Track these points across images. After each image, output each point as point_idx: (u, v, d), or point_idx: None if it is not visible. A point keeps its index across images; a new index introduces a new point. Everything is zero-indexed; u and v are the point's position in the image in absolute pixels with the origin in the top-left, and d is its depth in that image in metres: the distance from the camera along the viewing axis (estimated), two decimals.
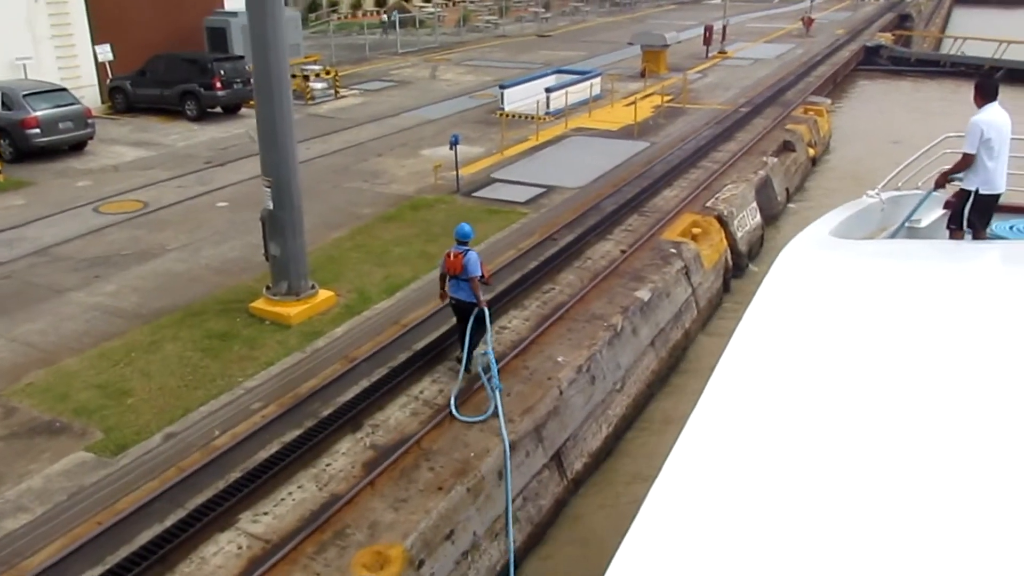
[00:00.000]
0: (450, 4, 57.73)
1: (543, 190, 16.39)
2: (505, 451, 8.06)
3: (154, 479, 7.63)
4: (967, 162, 7.43)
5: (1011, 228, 7.41)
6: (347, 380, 9.26)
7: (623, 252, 13.05)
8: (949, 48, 41.12)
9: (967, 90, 7.95)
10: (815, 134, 22.71)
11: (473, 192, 16.34)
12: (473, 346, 9.08)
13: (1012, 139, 7.47)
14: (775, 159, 18.82)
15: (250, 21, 9.96)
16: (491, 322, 9.15)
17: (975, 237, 7.31)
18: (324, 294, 11.23)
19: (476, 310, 9.02)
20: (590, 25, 50.05)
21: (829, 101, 27.57)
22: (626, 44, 33.64)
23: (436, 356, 9.80)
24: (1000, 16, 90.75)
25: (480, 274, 8.99)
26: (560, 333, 10.39)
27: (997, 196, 7.42)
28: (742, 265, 15.36)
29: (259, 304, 10.94)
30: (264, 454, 7.90)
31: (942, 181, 7.74)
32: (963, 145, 7.45)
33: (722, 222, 14.89)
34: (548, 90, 23.08)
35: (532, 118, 21.79)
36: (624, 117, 22.31)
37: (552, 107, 22.88)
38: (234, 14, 26.10)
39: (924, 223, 7.66)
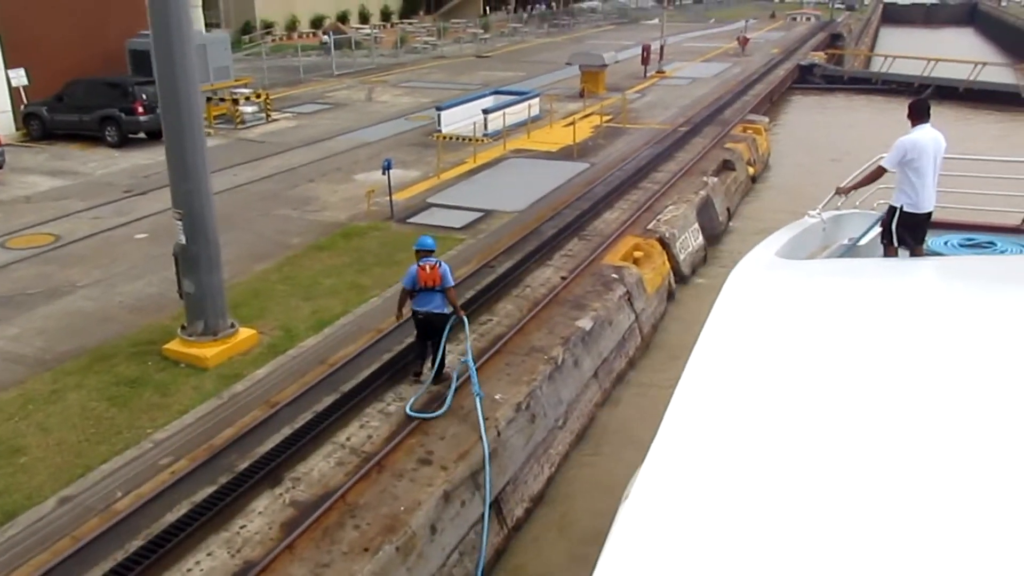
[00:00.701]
0: (388, 26, 57.33)
1: (481, 214, 15.87)
2: (485, 457, 8.10)
3: (45, 551, 6.82)
4: (878, 174, 7.70)
5: (946, 243, 7.58)
6: (267, 428, 8.55)
7: (564, 279, 12.57)
8: (880, 66, 41.95)
9: (897, 106, 8.23)
10: (754, 152, 22.67)
11: (408, 218, 15.73)
12: (444, 356, 9.27)
13: (945, 158, 7.56)
14: (715, 179, 18.62)
15: (153, 39, 9.23)
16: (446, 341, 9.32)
17: (912, 253, 7.42)
18: (245, 332, 10.49)
19: (453, 318, 9.23)
20: (529, 45, 50.00)
21: (767, 119, 27.69)
22: (565, 64, 33.41)
23: (366, 397, 9.15)
24: (923, 34, 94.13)
25: (453, 283, 9.29)
26: (498, 368, 9.83)
27: (926, 215, 7.49)
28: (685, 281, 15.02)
29: (173, 346, 10.15)
30: (171, 517, 7.14)
31: (846, 190, 8.04)
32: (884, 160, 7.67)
33: (664, 244, 14.54)
34: (486, 111, 22.64)
35: (470, 140, 21.31)
36: (563, 138, 21.96)
37: (490, 128, 22.44)
38: None
39: (864, 241, 7.80)
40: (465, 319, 9.36)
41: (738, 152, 21.29)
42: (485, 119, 22.51)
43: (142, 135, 21.90)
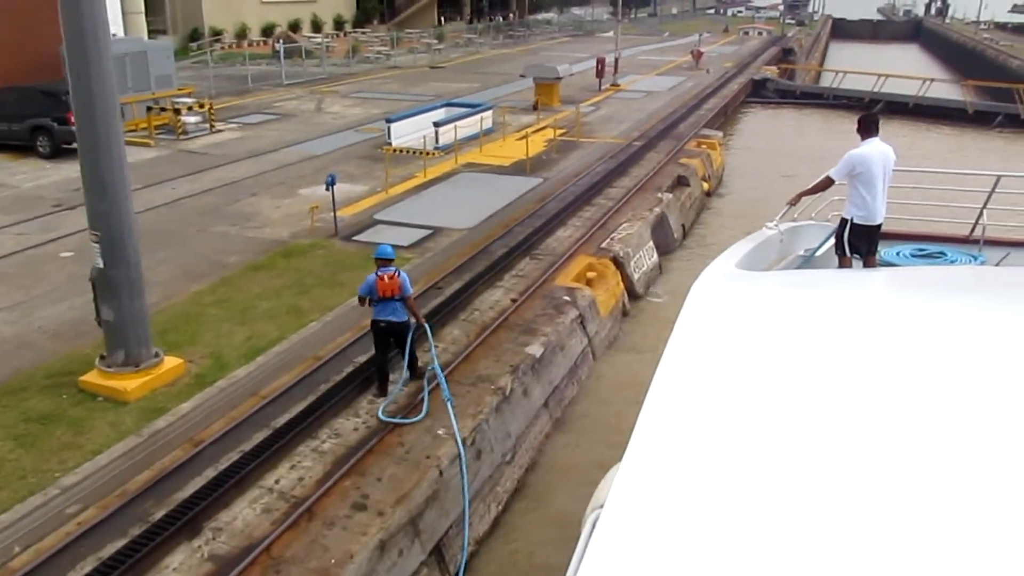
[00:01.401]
0: (341, 35, 56.51)
1: (429, 232, 15.30)
2: (462, 460, 8.17)
3: None
4: (825, 184, 7.90)
5: (898, 254, 7.76)
6: (189, 470, 7.87)
7: (514, 301, 12.05)
8: (831, 81, 42.36)
9: (849, 121, 8.40)
10: (709, 168, 22.45)
11: (353, 236, 15.10)
12: (414, 357, 9.45)
13: (894, 171, 7.76)
14: (670, 195, 18.30)
15: (67, 47, 8.53)
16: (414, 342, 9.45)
17: (866, 264, 7.61)
18: (171, 362, 9.78)
19: (416, 327, 9.24)
20: (483, 57, 49.63)
21: (721, 134, 27.57)
22: (519, 76, 33.04)
23: (299, 434, 8.51)
24: (871, 49, 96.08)
25: (412, 292, 9.27)
26: (442, 400, 9.25)
27: (876, 226, 7.67)
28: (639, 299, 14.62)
29: (91, 377, 9.41)
30: None
31: (796, 200, 8.22)
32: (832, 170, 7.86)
33: (618, 264, 14.13)
34: (437, 124, 22.10)
35: (420, 153, 20.74)
36: (516, 152, 21.51)
37: (441, 142, 21.88)
38: None
39: (820, 252, 7.97)
40: (427, 327, 9.38)
41: (693, 167, 21.04)
42: (436, 132, 21.96)
43: (76, 146, 20.87)
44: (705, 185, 21.58)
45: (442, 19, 66.57)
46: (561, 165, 21.01)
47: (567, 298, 12.18)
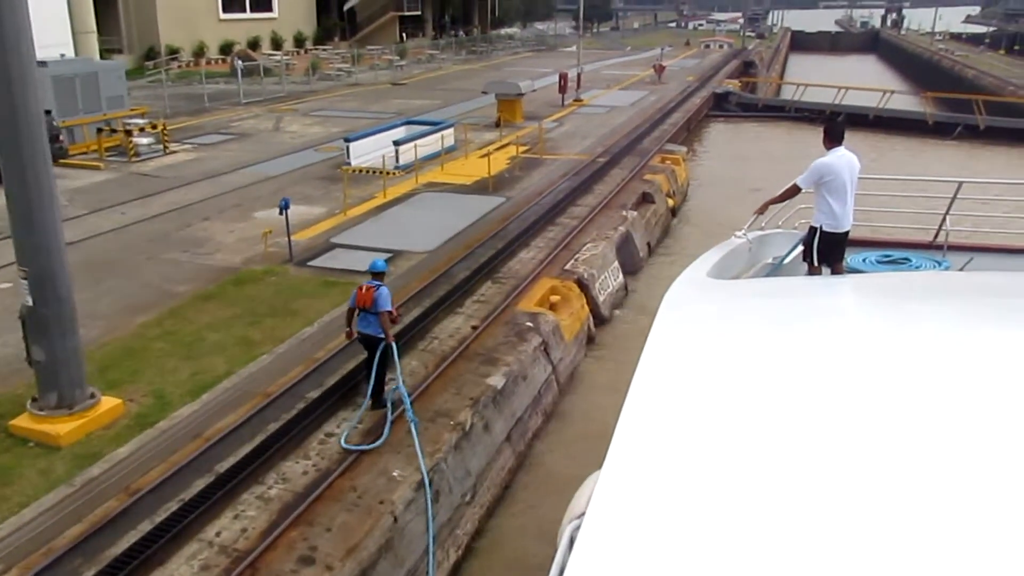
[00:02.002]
0: (302, 52, 55.91)
1: (389, 255, 14.77)
2: (426, 488, 7.93)
3: None
4: (792, 192, 7.99)
5: (864, 260, 7.86)
6: (123, 523, 7.31)
7: (474, 328, 11.63)
8: (792, 94, 42.62)
9: (811, 134, 9.26)
10: (673, 184, 22.25)
11: (309, 261, 14.58)
12: (380, 381, 9.26)
13: (860, 178, 7.81)
14: (635, 213, 18.02)
15: None
16: (399, 357, 9.41)
17: (833, 271, 7.65)
18: (109, 402, 9.20)
19: (383, 344, 9.16)
20: (446, 73, 49.32)
21: (685, 149, 27.45)
22: (481, 93, 32.74)
23: (244, 480, 7.99)
24: (830, 61, 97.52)
25: (389, 309, 9.19)
26: (398, 439, 8.79)
27: (844, 234, 7.73)
28: (605, 323, 14.26)
29: (22, 421, 8.81)
30: None
31: (763, 208, 8.29)
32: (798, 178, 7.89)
33: (582, 286, 13.77)
34: (397, 143, 21.66)
35: (380, 173, 20.28)
36: (478, 170, 21.14)
37: (402, 161, 21.45)
38: (43, 63, 23.36)
39: (789, 260, 8.05)
40: (394, 345, 9.28)
41: (657, 184, 20.81)
42: (396, 151, 21.52)
43: None
44: (670, 201, 21.37)
45: (404, 35, 66.21)
46: (524, 183, 20.67)
47: (530, 324, 11.78)
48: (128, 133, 23.09)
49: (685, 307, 5.15)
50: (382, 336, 9.15)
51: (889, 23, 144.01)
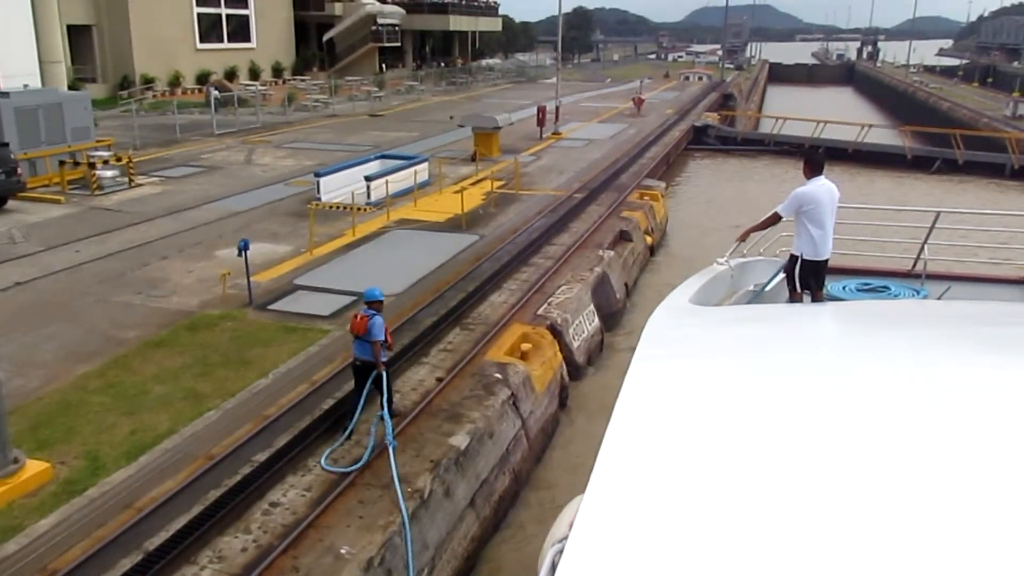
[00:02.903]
0: (280, 82, 55.49)
1: (353, 298, 14.12)
2: (405, 522, 7.85)
3: None
4: (773, 220, 8.01)
5: (844, 288, 7.98)
6: None
7: (439, 381, 10.96)
8: (771, 128, 42.54)
9: (790, 167, 9.68)
10: (652, 221, 21.78)
11: (270, 304, 13.89)
12: (360, 411, 9.39)
13: (839, 207, 7.91)
14: (611, 252, 17.48)
15: None
16: (389, 384, 9.57)
17: (813, 298, 7.74)
18: (35, 467, 8.45)
19: (375, 372, 9.38)
20: (424, 104, 49.00)
21: (664, 184, 27.06)
22: (457, 126, 32.30)
23: (176, 558, 7.25)
24: (807, 92, 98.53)
25: (383, 338, 9.42)
26: (348, 508, 8.09)
27: (824, 261, 7.81)
28: (580, 377, 13.64)
29: None
30: None
31: (745, 235, 8.40)
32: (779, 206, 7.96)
33: (556, 332, 13.15)
34: (368, 178, 21.08)
35: (350, 209, 19.66)
36: (452, 206, 20.57)
37: (374, 197, 20.87)
38: (5, 94, 22.70)
39: (770, 287, 8.08)
40: (384, 373, 9.42)
41: (635, 221, 20.31)
42: (368, 187, 20.94)
43: None
44: (648, 239, 20.87)
45: (384, 66, 66.04)
46: (499, 220, 20.12)
47: (498, 375, 11.13)
48: (91, 166, 22.36)
49: (667, 333, 5.21)
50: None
51: (864, 55, 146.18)
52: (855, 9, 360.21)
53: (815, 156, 8.18)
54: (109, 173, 22.84)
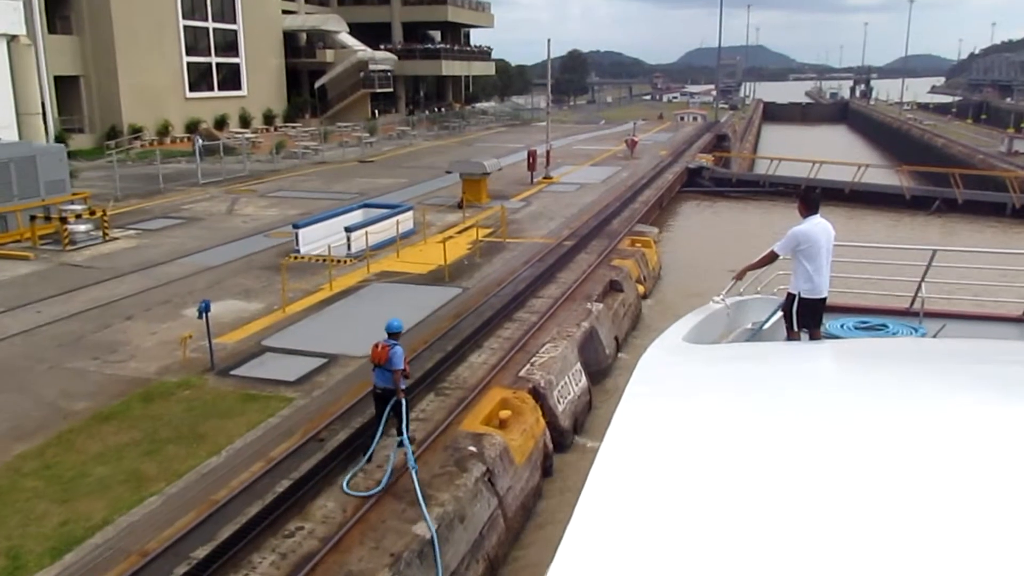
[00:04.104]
0: (271, 129, 55.19)
1: (323, 361, 13.29)
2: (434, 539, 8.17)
3: None
4: (770, 258, 8.08)
5: (842, 326, 7.93)
6: None
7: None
8: (766, 168, 42.00)
9: (786, 208, 8.48)
10: (644, 269, 20.98)
11: (233, 368, 13.01)
12: (379, 437, 9.83)
13: (836, 246, 7.95)
14: (601, 305, 16.63)
15: None
16: (407, 411, 9.91)
17: (811, 337, 7.68)
18: None
19: (394, 399, 9.74)
20: (416, 149, 48.57)
21: (656, 230, 26.34)
22: (445, 172, 31.69)
23: None
24: (802, 131, 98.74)
25: (402, 368, 9.79)
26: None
27: (821, 299, 7.78)
28: (566, 443, 12.71)
29: None
30: None
31: (741, 274, 8.30)
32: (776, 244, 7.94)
33: (538, 396, 12.26)
34: (349, 229, 20.32)
35: (330, 261, 18.87)
36: (436, 257, 19.75)
37: (354, 248, 20.10)
38: None
39: (767, 325, 8.00)
40: (403, 401, 9.79)
41: (626, 270, 19.51)
42: (348, 238, 20.18)
43: None
44: (640, 288, 20.05)
45: (376, 112, 65.89)
46: (484, 271, 19.31)
47: (473, 449, 10.21)
48: (63, 220, 21.63)
49: (659, 371, 5.08)
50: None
51: (858, 94, 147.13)
52: (847, 49, 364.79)
53: (811, 195, 8.21)
54: (82, 227, 22.10)
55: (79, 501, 9.06)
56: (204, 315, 12.79)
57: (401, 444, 9.56)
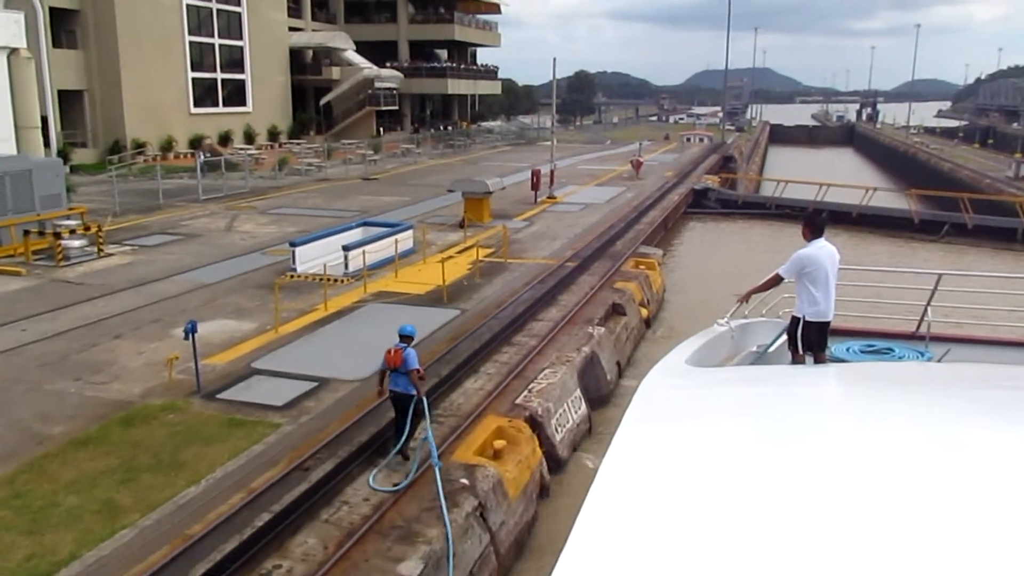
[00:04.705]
0: (276, 146, 55.03)
1: (313, 385, 12.82)
2: (448, 542, 8.31)
3: None
4: (774, 281, 7.98)
5: (848, 350, 7.89)
6: None
7: (395, 486, 9.54)
8: (772, 190, 41.57)
9: (793, 231, 8.30)
10: (647, 292, 20.50)
11: (219, 392, 12.54)
12: (411, 434, 10.14)
13: (842, 269, 8.00)
14: (602, 329, 16.15)
15: None
16: (430, 411, 10.35)
17: (816, 360, 7.64)
18: None
19: (415, 399, 10.05)
20: (420, 167, 48.29)
21: (661, 252, 25.88)
22: (447, 191, 31.34)
23: None
24: (808, 153, 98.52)
25: (417, 367, 10.12)
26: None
27: (826, 323, 7.76)
28: (563, 469, 12.20)
29: None
30: None
31: (746, 296, 8.27)
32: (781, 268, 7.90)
33: (536, 425, 11.76)
34: (346, 248, 19.91)
35: (325, 280, 18.45)
36: (435, 277, 19.31)
37: (352, 267, 19.68)
38: None
39: (772, 348, 7.95)
40: (425, 400, 10.20)
41: (629, 293, 19.04)
42: (346, 257, 19.77)
43: None
44: (643, 312, 19.57)
45: (382, 129, 65.76)
46: (483, 292, 18.86)
47: (464, 481, 9.72)
48: (56, 235, 21.28)
49: (661, 394, 5.02)
50: (412, 393, 10.07)
51: (864, 117, 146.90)
52: (853, 72, 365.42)
53: (816, 218, 8.27)
54: (76, 243, 21.74)
55: (47, 533, 8.58)
56: (191, 336, 12.35)
57: (426, 440, 9.92)
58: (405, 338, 10.37)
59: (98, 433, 11.04)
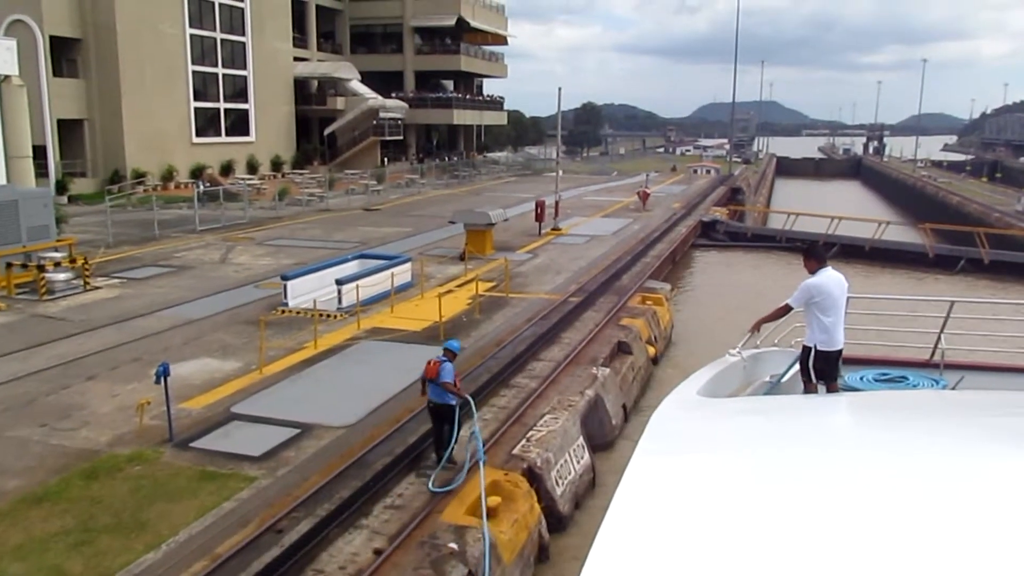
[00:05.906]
0: (279, 176, 54.52)
1: (295, 432, 11.89)
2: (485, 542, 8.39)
3: None
4: (783, 311, 8.05)
5: (861, 379, 7.83)
6: None
7: (377, 554, 8.59)
8: (783, 223, 40.72)
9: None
10: (655, 329, 19.57)
11: (194, 440, 11.61)
12: (451, 440, 10.56)
13: (855, 298, 8.19)
14: (607, 370, 15.21)
15: None
16: (472, 410, 11.01)
17: (829, 389, 7.61)
18: None
19: (459, 402, 10.74)
20: (423, 198, 47.63)
21: (669, 287, 24.95)
22: (449, 222, 30.58)
23: None
24: (815, 186, 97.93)
25: (451, 380, 10.65)
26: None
27: (837, 351, 7.74)
28: (564, 526, 11.21)
29: None
30: None
31: (757, 326, 8.27)
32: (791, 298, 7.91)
33: (534, 478, 10.80)
34: (339, 282, 19.07)
35: (316, 316, 17.57)
36: (433, 312, 18.41)
37: (345, 302, 18.83)
38: None
39: (785, 378, 7.88)
40: (471, 400, 11.00)
41: (636, 330, 18.11)
42: (339, 291, 18.92)
43: None
44: (651, 350, 18.62)
45: (386, 159, 65.30)
46: (483, 329, 17.95)
47: (453, 546, 8.75)
48: (40, 268, 20.48)
49: (673, 425, 5.01)
50: (449, 403, 10.66)
51: (871, 150, 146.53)
52: (860, 106, 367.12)
53: (815, 249, 8.34)
54: (61, 276, 20.97)
55: None
56: (163, 379, 11.45)
57: (473, 435, 10.55)
58: (448, 351, 10.93)
59: (57, 488, 10.11)
